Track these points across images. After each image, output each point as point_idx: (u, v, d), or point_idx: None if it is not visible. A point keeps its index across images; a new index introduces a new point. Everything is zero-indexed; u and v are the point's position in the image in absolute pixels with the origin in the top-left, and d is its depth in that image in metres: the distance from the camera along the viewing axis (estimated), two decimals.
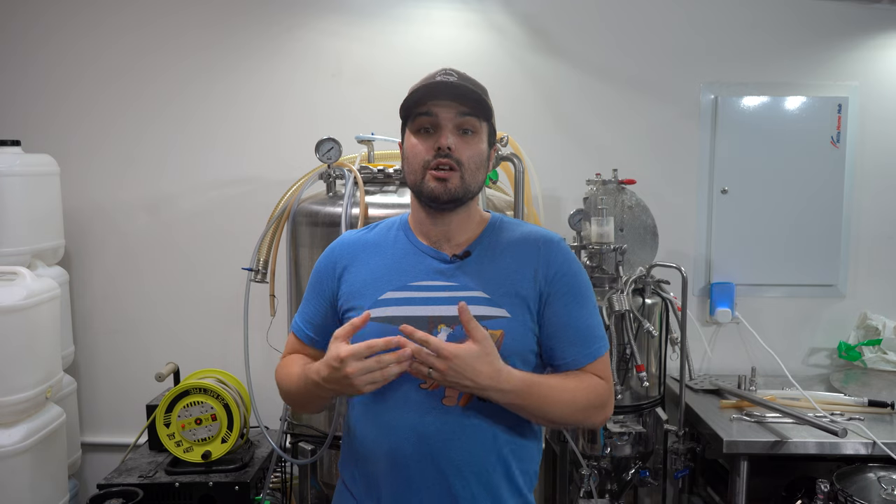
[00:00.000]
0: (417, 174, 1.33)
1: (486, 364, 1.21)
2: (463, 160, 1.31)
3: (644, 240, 2.53)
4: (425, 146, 1.32)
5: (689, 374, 2.48)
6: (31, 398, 2.26)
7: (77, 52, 2.81)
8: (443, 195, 1.31)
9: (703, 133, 2.87)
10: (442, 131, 1.31)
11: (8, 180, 2.41)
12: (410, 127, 1.36)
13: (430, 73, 1.37)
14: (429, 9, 2.81)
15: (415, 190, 1.36)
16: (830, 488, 2.07)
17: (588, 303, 1.38)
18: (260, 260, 2.25)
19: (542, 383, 1.30)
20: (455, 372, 1.19)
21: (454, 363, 1.19)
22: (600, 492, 2.30)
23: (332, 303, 1.42)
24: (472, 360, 1.20)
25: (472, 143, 1.33)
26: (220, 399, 2.30)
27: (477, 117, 1.34)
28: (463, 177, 1.32)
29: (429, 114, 1.32)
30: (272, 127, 2.83)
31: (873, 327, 2.83)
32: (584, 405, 1.33)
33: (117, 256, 2.87)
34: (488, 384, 1.22)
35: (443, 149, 1.30)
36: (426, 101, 1.32)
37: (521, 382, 1.26)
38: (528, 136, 2.57)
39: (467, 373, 1.20)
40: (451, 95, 1.31)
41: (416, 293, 1.34)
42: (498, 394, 1.24)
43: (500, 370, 1.23)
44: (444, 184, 1.31)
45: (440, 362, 1.19)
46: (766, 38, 2.85)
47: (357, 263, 1.41)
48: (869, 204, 2.91)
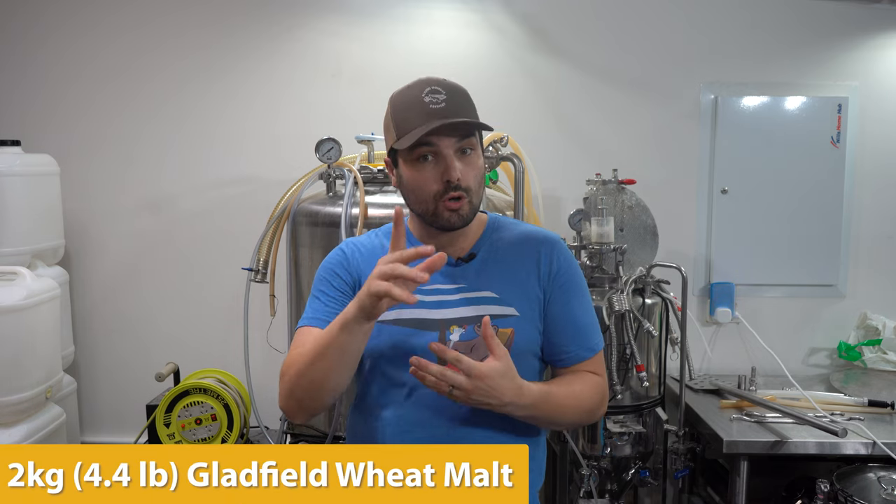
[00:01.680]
0: (429, 205, 1.31)
1: (509, 380, 1.22)
2: (471, 185, 1.31)
3: (644, 240, 2.53)
4: (432, 176, 1.30)
5: (689, 374, 2.48)
6: (31, 398, 2.26)
7: (75, 52, 2.81)
8: (457, 223, 1.31)
9: (703, 133, 2.87)
10: (447, 161, 1.29)
11: (8, 180, 2.41)
12: (407, 156, 1.32)
13: (414, 89, 1.31)
14: (429, 9, 2.81)
15: (426, 219, 1.34)
16: (830, 488, 2.07)
17: (586, 299, 1.41)
18: (260, 260, 2.25)
19: (555, 392, 1.32)
20: (481, 391, 1.20)
21: (481, 383, 1.19)
22: (600, 492, 2.30)
23: (353, 289, 1.37)
24: (498, 379, 1.21)
25: (474, 160, 1.33)
26: (220, 399, 2.30)
27: (474, 136, 1.33)
28: (471, 200, 1.32)
29: (428, 143, 1.29)
30: (272, 127, 2.82)
31: (873, 327, 2.83)
32: (589, 406, 1.37)
33: (117, 256, 2.87)
34: (511, 400, 1.23)
35: (453, 182, 1.29)
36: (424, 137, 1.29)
37: (538, 395, 1.28)
38: (529, 136, 2.57)
39: (494, 391, 1.21)
40: (453, 132, 1.29)
41: (426, 297, 1.34)
42: (518, 409, 1.25)
43: (521, 386, 1.24)
44: (457, 213, 1.30)
45: (468, 382, 1.19)
46: (766, 38, 2.85)
47: (368, 266, 1.37)
48: (869, 204, 2.91)
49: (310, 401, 1.30)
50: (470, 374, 1.19)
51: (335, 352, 1.24)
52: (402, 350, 1.32)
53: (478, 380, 1.19)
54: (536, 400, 1.27)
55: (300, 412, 1.33)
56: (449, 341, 1.31)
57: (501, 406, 1.23)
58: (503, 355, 1.22)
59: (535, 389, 1.27)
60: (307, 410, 1.33)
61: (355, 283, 1.38)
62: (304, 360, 1.28)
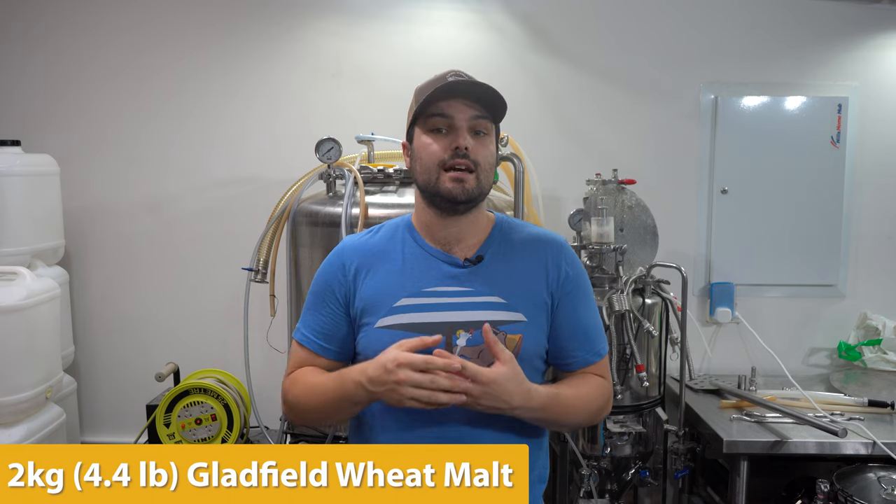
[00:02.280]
0: (432, 173, 1.31)
1: (517, 384, 1.23)
2: (479, 161, 1.31)
3: (644, 240, 2.53)
4: (441, 145, 1.31)
5: (689, 374, 2.48)
6: (31, 398, 2.26)
7: (75, 52, 2.81)
8: (460, 195, 1.30)
9: (703, 133, 2.87)
10: (459, 132, 1.30)
11: (8, 180, 2.41)
12: (423, 126, 1.34)
13: (439, 75, 1.34)
14: (429, 9, 2.81)
15: (428, 190, 1.33)
16: (830, 488, 2.07)
17: (592, 304, 1.41)
18: (260, 260, 2.25)
19: (563, 395, 1.32)
20: (490, 396, 1.20)
21: (490, 388, 1.20)
22: (600, 492, 2.30)
23: (346, 308, 1.38)
24: (507, 383, 1.21)
25: (486, 144, 1.33)
26: (220, 399, 2.30)
27: (489, 119, 1.33)
28: (479, 177, 1.31)
29: (443, 115, 1.31)
30: (271, 127, 2.82)
31: (873, 327, 2.83)
32: (595, 408, 1.37)
33: (117, 256, 2.87)
34: (520, 404, 1.23)
35: (461, 149, 1.29)
36: (443, 100, 1.30)
37: (546, 398, 1.28)
38: (529, 136, 2.57)
39: (503, 396, 1.21)
40: (472, 95, 1.30)
41: (431, 299, 1.33)
42: (527, 412, 1.26)
43: (530, 389, 1.25)
44: (461, 184, 1.30)
45: (476, 388, 1.19)
46: (766, 38, 2.85)
47: (368, 270, 1.37)
48: (869, 204, 2.91)
49: (315, 423, 1.33)
50: (477, 381, 1.19)
51: (341, 401, 1.29)
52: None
53: (485, 385, 1.19)
54: (545, 403, 1.27)
55: (302, 425, 1.36)
56: (455, 346, 1.30)
57: (511, 410, 1.24)
58: (509, 359, 1.22)
59: (544, 392, 1.28)
60: (309, 426, 1.35)
61: (353, 280, 1.38)
62: (306, 398, 1.35)
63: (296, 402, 1.36)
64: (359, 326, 1.36)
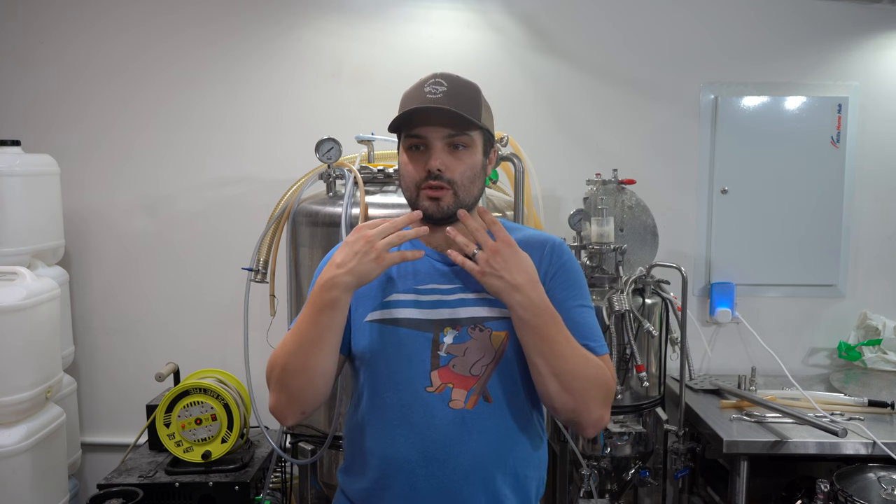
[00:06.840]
0: (412, 192, 1.34)
1: (522, 261, 1.24)
2: (455, 178, 1.31)
3: (644, 240, 2.53)
4: (416, 166, 1.32)
5: (689, 374, 2.48)
6: (31, 398, 2.26)
7: (75, 52, 2.81)
8: (436, 213, 1.32)
9: (703, 133, 2.87)
10: (432, 152, 1.31)
11: (8, 180, 2.41)
12: (403, 142, 1.35)
13: (421, 81, 1.34)
14: (429, 9, 2.81)
15: (411, 206, 1.36)
16: (830, 488, 2.07)
17: (587, 303, 1.37)
18: (260, 260, 2.25)
19: (566, 332, 1.27)
20: (501, 259, 1.21)
21: (493, 258, 1.22)
22: (600, 492, 2.30)
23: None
24: (511, 255, 1.23)
25: (465, 157, 1.32)
26: (220, 399, 2.30)
27: (466, 133, 1.32)
28: (456, 193, 1.32)
29: (417, 136, 1.32)
30: (271, 127, 2.82)
31: (873, 327, 2.83)
32: (594, 376, 1.27)
33: (117, 256, 2.87)
34: (521, 282, 1.22)
35: (433, 171, 1.30)
36: (413, 125, 1.31)
37: (551, 307, 1.25)
38: (529, 136, 2.57)
39: (509, 264, 1.22)
40: (437, 122, 1.30)
41: (422, 296, 1.34)
42: (526, 300, 1.22)
43: (535, 279, 1.24)
44: (437, 203, 1.31)
45: (482, 253, 1.22)
46: (767, 38, 2.85)
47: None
48: (869, 204, 2.91)
49: (302, 391, 1.28)
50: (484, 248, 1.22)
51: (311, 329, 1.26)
52: (396, 350, 1.31)
53: (490, 253, 1.22)
54: (547, 304, 1.24)
55: (292, 406, 1.30)
56: (442, 343, 1.31)
57: (512, 288, 1.21)
58: (509, 241, 1.24)
59: (548, 299, 1.26)
60: (301, 403, 1.30)
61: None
62: (279, 352, 1.30)
63: (274, 359, 1.30)
64: (349, 321, 1.36)
